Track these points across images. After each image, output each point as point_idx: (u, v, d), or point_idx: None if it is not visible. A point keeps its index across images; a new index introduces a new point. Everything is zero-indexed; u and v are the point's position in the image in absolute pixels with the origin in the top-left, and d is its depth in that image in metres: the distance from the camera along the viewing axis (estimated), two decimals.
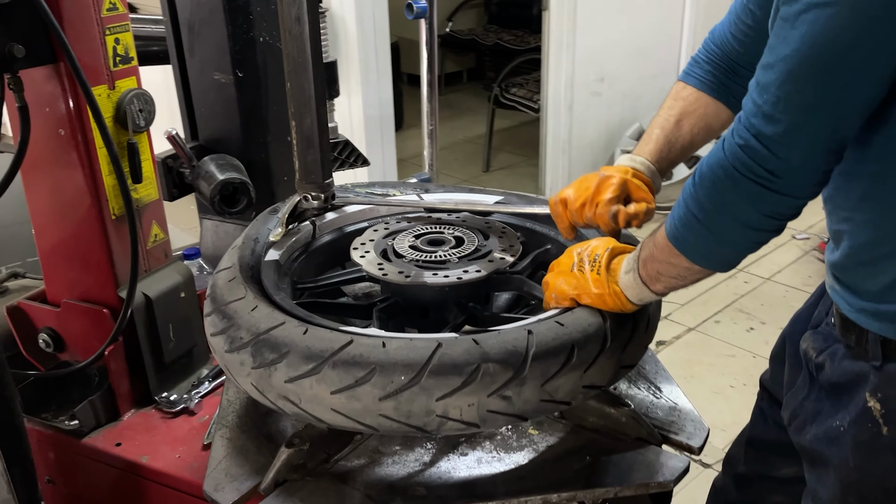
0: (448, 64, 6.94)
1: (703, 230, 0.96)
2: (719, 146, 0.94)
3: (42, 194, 1.53)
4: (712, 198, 0.94)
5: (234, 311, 1.08)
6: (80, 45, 1.39)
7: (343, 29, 3.17)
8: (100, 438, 1.53)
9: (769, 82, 0.88)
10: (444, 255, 1.25)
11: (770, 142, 0.88)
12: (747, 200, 0.91)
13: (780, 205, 0.92)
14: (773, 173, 0.89)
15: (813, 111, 0.88)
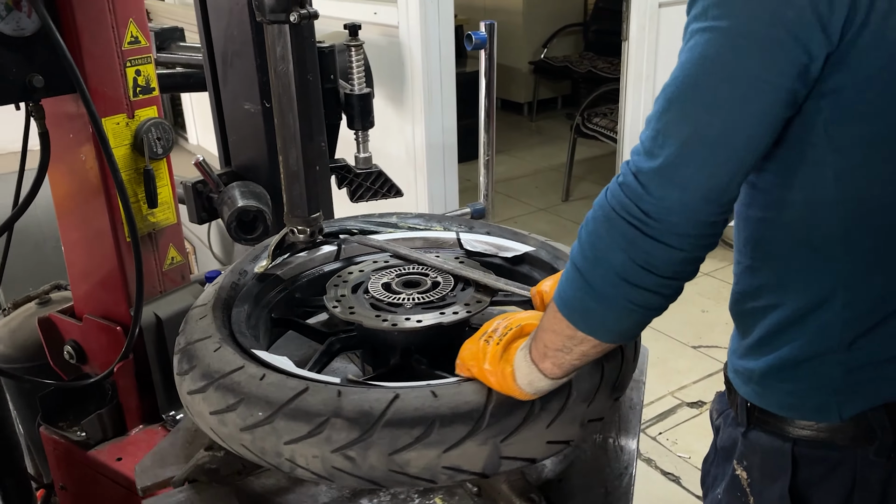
0: (541, 90, 6.90)
1: (580, 281, 0.83)
2: (601, 196, 0.84)
3: (69, 215, 1.62)
4: (590, 242, 0.83)
5: (198, 351, 1.10)
6: (99, 76, 1.46)
7: (409, 57, 3.20)
8: (104, 452, 1.59)
9: (652, 114, 0.81)
10: (404, 299, 1.23)
11: (647, 178, 0.78)
12: (619, 244, 0.80)
13: (655, 253, 0.79)
14: (648, 214, 0.78)
15: (690, 147, 0.78)
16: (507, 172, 5.47)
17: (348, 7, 3.68)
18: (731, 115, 0.77)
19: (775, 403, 0.94)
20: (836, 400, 0.90)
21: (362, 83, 1.97)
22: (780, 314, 0.91)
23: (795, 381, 0.91)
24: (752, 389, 0.95)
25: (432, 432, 0.91)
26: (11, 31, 1.33)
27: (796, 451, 0.93)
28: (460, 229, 1.52)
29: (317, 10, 1.24)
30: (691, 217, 0.78)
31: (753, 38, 0.76)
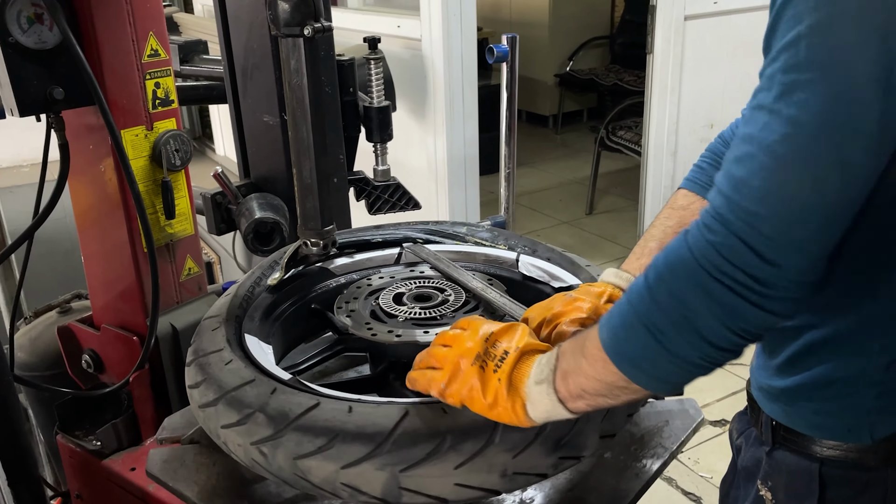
0: (567, 103, 6.89)
1: (653, 342, 0.76)
2: (681, 241, 0.76)
3: (88, 226, 1.64)
4: (675, 306, 0.74)
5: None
6: (119, 88, 1.48)
7: (432, 70, 3.21)
8: (118, 461, 1.60)
9: (749, 171, 0.73)
10: (403, 312, 1.23)
11: (759, 242, 0.71)
12: (715, 312, 0.73)
13: (757, 320, 0.73)
14: (760, 281, 0.71)
15: (809, 208, 0.72)
16: (532, 185, 5.45)
17: (372, 20, 3.71)
18: (852, 171, 0.72)
19: (803, 423, 0.92)
20: (868, 420, 0.88)
21: (381, 96, 1.98)
22: (815, 334, 0.89)
23: (826, 401, 0.90)
24: (779, 408, 0.94)
25: (333, 446, 0.91)
26: (33, 43, 1.35)
27: (824, 471, 0.91)
28: (523, 250, 1.50)
29: (331, 24, 1.24)
30: (806, 280, 0.73)
31: (861, 92, 0.70)
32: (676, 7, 3.72)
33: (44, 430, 2.00)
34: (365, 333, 1.19)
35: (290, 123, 1.27)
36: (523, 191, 5.29)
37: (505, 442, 0.92)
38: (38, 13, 1.35)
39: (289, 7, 1.18)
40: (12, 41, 1.33)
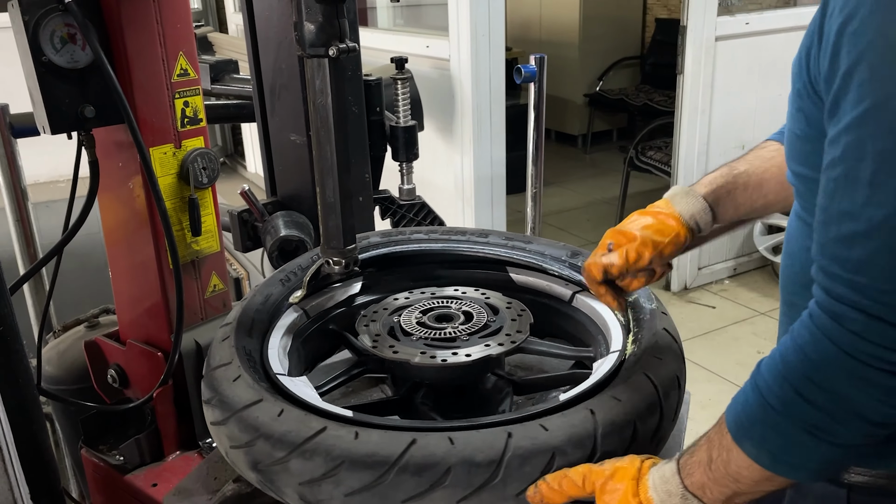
0: (596, 123, 6.87)
1: (811, 441, 0.73)
2: (817, 337, 0.73)
3: (117, 242, 1.66)
4: (830, 399, 0.72)
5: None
6: (148, 107, 1.50)
7: (460, 90, 3.22)
8: (140, 477, 1.60)
9: (869, 253, 0.70)
10: (420, 331, 1.23)
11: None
12: (877, 396, 0.70)
13: None
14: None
15: None
16: (560, 204, 5.43)
17: (402, 40, 3.74)
18: None
19: None
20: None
21: (407, 115, 1.99)
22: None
23: None
24: None
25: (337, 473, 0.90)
26: (66, 63, 1.38)
27: (852, 497, 0.90)
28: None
29: (356, 45, 1.25)
30: None
31: None
32: (707, 28, 3.70)
33: (69, 444, 2.01)
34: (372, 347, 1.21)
35: (314, 143, 1.27)
36: (551, 210, 5.27)
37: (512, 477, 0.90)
38: (72, 33, 1.38)
39: (314, 28, 1.18)
40: (45, 60, 1.36)
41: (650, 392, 1.00)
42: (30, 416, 1.29)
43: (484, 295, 1.37)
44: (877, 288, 0.69)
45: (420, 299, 1.37)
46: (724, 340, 3.66)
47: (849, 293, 0.71)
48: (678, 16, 3.84)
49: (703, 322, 3.83)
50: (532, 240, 1.51)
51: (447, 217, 2.19)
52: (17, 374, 1.21)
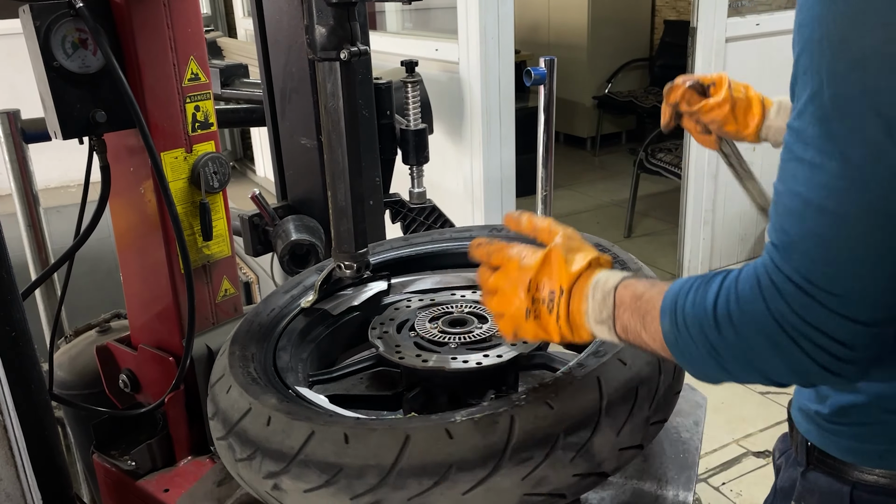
0: (605, 125, 6.85)
1: (712, 362, 0.78)
2: (753, 277, 0.75)
3: (128, 246, 1.66)
4: (743, 351, 0.75)
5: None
6: (160, 111, 1.50)
7: (469, 93, 3.21)
8: (152, 482, 1.60)
9: (804, 231, 0.72)
10: (436, 335, 1.23)
11: (836, 303, 0.70)
12: (791, 366, 0.73)
13: (827, 374, 0.73)
14: (842, 342, 0.70)
15: (874, 267, 0.70)
16: (569, 207, 5.41)
17: (411, 44, 3.74)
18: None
19: (837, 447, 0.92)
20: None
21: (418, 119, 1.98)
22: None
23: (859, 427, 0.90)
24: (815, 430, 0.94)
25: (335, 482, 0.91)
26: (77, 68, 1.38)
27: (855, 495, 0.91)
28: None
29: (367, 48, 1.24)
30: (880, 333, 0.72)
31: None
32: (717, 29, 3.68)
33: (81, 449, 2.01)
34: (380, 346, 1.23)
35: (325, 146, 1.27)
36: (560, 213, 5.25)
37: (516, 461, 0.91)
38: (83, 38, 1.38)
39: (325, 31, 1.18)
40: (57, 65, 1.36)
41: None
42: (42, 422, 1.29)
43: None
44: (808, 267, 0.71)
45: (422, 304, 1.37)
46: None
47: (787, 266, 0.73)
48: (687, 17, 3.83)
49: None
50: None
51: (457, 220, 2.18)
52: (29, 380, 1.20)
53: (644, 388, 0.98)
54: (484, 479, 0.88)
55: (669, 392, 1.03)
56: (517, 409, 0.92)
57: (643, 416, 0.97)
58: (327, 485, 0.91)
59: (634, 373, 0.98)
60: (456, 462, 0.88)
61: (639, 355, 1.00)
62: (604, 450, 0.93)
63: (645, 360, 1.00)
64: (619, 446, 0.95)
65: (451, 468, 0.88)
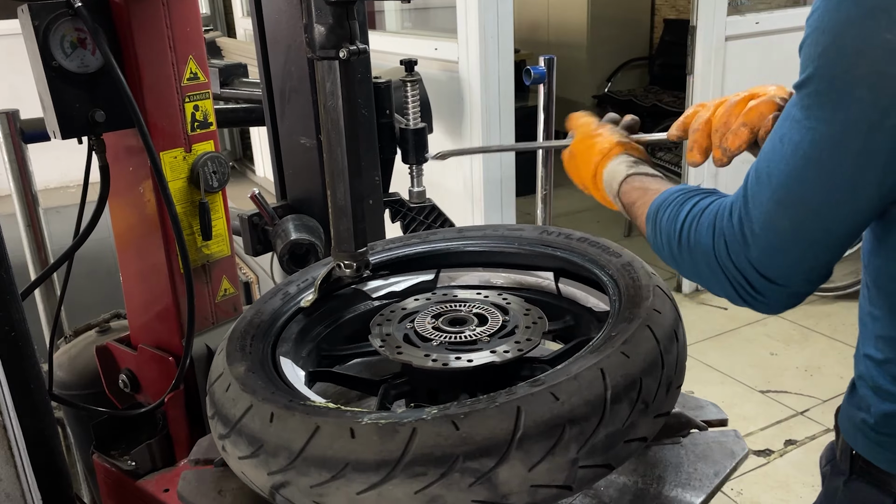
0: None
1: (675, 265, 0.98)
2: (712, 223, 0.90)
3: (127, 246, 1.66)
4: (689, 259, 0.94)
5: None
6: (159, 111, 1.50)
7: (468, 92, 3.21)
8: (152, 482, 1.60)
9: (762, 195, 0.84)
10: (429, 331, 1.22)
11: (754, 254, 0.85)
12: (725, 287, 0.90)
13: (755, 304, 0.90)
14: (756, 289, 0.86)
15: (797, 238, 0.83)
16: (569, 206, 5.41)
17: (410, 43, 3.74)
18: (827, 218, 0.81)
19: (882, 457, 0.91)
20: None
21: (417, 118, 1.98)
22: (893, 368, 0.88)
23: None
24: (861, 439, 0.93)
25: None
26: (76, 67, 1.38)
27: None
28: None
29: (366, 46, 1.24)
30: (795, 292, 0.87)
31: (852, 146, 0.77)
32: (717, 28, 3.68)
33: (81, 449, 2.01)
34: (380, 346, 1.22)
35: (324, 145, 1.26)
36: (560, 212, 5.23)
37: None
38: (82, 38, 1.38)
39: (324, 30, 1.18)
40: (56, 65, 1.36)
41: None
42: (42, 422, 1.29)
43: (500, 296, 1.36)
44: (751, 229, 0.84)
45: (431, 303, 1.36)
46: (736, 342, 3.63)
47: (738, 215, 0.86)
48: (687, 16, 3.83)
49: (715, 324, 3.81)
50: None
51: (457, 220, 2.18)
52: (29, 380, 1.20)
53: (574, 427, 0.90)
54: (376, 485, 0.88)
55: (615, 437, 0.94)
56: (422, 422, 0.90)
57: (568, 458, 0.90)
58: (252, 456, 0.97)
59: (565, 410, 0.91)
60: (352, 462, 0.90)
61: (576, 393, 0.92)
62: (511, 483, 0.89)
63: (584, 398, 0.92)
64: (531, 483, 0.90)
65: (348, 466, 0.90)
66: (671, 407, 1.05)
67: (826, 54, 0.76)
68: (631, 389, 0.94)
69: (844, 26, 0.74)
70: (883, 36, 0.71)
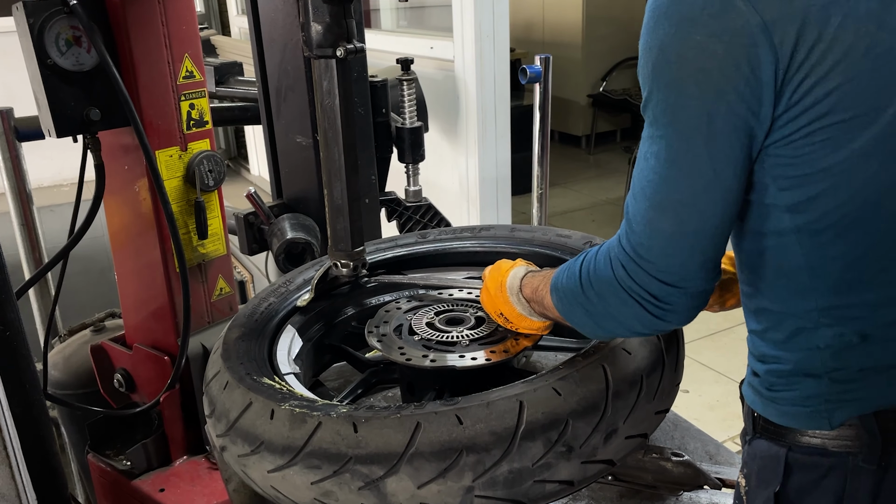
0: (600, 123, 6.85)
1: (588, 319, 0.98)
2: (607, 260, 0.93)
3: (122, 245, 1.65)
4: (600, 304, 0.95)
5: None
6: (154, 109, 1.49)
7: (464, 91, 3.21)
8: (147, 482, 1.60)
9: (638, 210, 0.89)
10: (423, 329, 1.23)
11: (649, 266, 0.89)
12: (632, 317, 0.93)
13: (662, 325, 0.93)
14: (658, 297, 0.90)
15: (676, 239, 0.88)
16: (564, 205, 5.42)
17: (406, 42, 3.73)
18: (700, 207, 0.88)
19: (774, 412, 0.97)
20: (826, 408, 0.93)
21: (413, 117, 1.98)
22: (773, 335, 0.95)
23: (789, 391, 0.95)
24: (758, 400, 0.98)
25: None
26: (71, 66, 1.37)
27: (790, 456, 0.95)
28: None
29: (363, 45, 1.24)
30: (696, 291, 0.91)
31: (699, 138, 0.85)
32: None
33: (75, 449, 2.00)
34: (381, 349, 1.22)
35: (321, 144, 1.26)
36: (555, 211, 5.25)
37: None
38: (77, 36, 1.37)
39: (321, 29, 1.17)
40: (51, 63, 1.35)
41: None
42: (38, 423, 1.28)
43: None
44: (637, 242, 0.89)
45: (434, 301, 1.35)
46: (730, 341, 3.64)
47: (626, 240, 0.91)
48: None
49: (710, 323, 3.81)
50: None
51: (452, 219, 2.18)
52: (24, 380, 1.19)
53: (471, 455, 0.88)
54: (280, 468, 0.94)
55: (519, 475, 0.90)
56: (328, 418, 0.93)
57: (463, 484, 0.89)
58: (210, 416, 1.09)
59: (465, 436, 0.89)
60: (266, 441, 0.96)
61: (481, 419, 0.90)
62: (399, 495, 0.90)
63: (488, 428, 0.90)
64: (420, 500, 0.90)
65: (262, 445, 0.96)
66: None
67: (656, 68, 0.87)
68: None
69: (664, 40, 0.85)
70: (694, 38, 0.83)
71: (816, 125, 0.84)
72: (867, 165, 0.85)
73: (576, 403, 0.94)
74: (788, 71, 0.83)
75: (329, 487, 0.91)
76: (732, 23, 0.82)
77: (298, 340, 1.26)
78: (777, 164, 0.87)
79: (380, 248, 1.51)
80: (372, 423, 0.92)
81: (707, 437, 1.39)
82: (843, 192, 0.86)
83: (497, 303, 1.16)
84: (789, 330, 0.94)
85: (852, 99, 0.83)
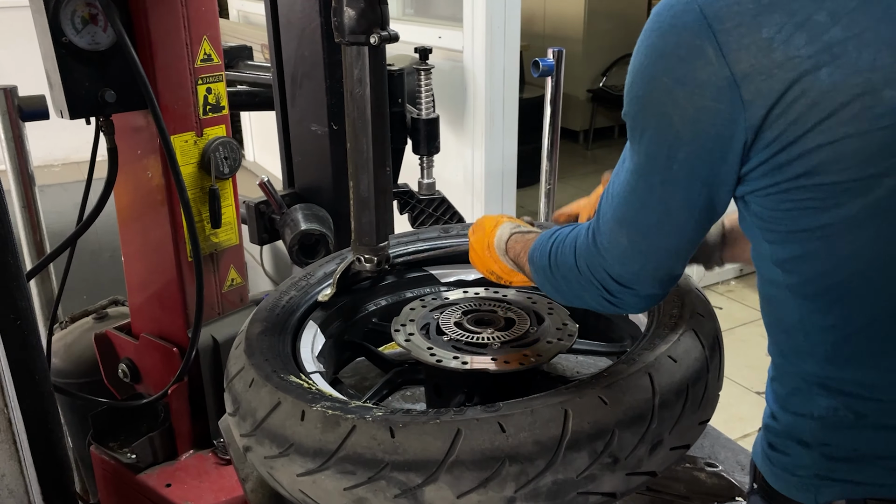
0: (599, 119, 6.81)
1: (555, 293, 1.04)
2: (573, 245, 0.97)
3: (132, 231, 1.60)
4: (566, 285, 1.00)
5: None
6: (171, 92, 1.44)
7: (472, 83, 3.16)
8: (153, 476, 1.55)
9: (609, 214, 0.91)
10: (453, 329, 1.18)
11: (610, 266, 0.92)
12: (593, 298, 0.97)
13: (617, 308, 0.96)
14: (612, 293, 0.93)
15: (637, 249, 0.89)
16: (562, 201, 5.36)
17: (413, 30, 3.67)
18: (652, 237, 0.88)
19: (769, 473, 0.93)
20: (813, 483, 0.88)
21: (430, 107, 1.93)
22: (777, 386, 0.92)
23: (783, 455, 0.91)
24: (759, 454, 0.95)
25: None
26: (86, 45, 1.32)
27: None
28: None
29: (396, 32, 1.19)
30: (646, 294, 0.93)
31: (655, 177, 0.85)
32: None
33: (74, 439, 1.95)
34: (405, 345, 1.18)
35: (349, 135, 1.21)
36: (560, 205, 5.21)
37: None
38: (93, 13, 1.31)
39: (355, 14, 1.13)
40: (66, 41, 1.30)
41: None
42: (46, 416, 1.23)
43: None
44: (601, 242, 0.92)
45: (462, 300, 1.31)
46: (731, 342, 3.62)
47: (592, 235, 0.94)
48: None
49: None
50: None
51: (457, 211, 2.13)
52: (33, 372, 1.15)
53: (514, 465, 0.85)
54: (312, 471, 0.90)
55: (563, 486, 0.87)
56: (363, 422, 0.90)
57: (504, 495, 0.85)
58: (233, 415, 1.04)
59: (508, 445, 0.86)
60: (296, 443, 0.92)
61: (525, 427, 0.87)
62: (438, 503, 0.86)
63: (532, 437, 0.87)
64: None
65: (292, 447, 0.93)
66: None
67: (629, 95, 0.84)
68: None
69: (639, 67, 0.82)
70: (661, 80, 0.79)
71: (793, 184, 0.77)
72: (856, 236, 0.78)
73: (622, 413, 0.90)
74: (762, 127, 0.76)
75: (363, 494, 0.88)
76: (697, 73, 0.76)
77: (321, 337, 1.22)
78: (761, 214, 0.83)
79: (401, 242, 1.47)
80: (410, 428, 0.88)
81: (738, 446, 1.36)
82: (828, 258, 0.80)
83: (487, 262, 1.19)
84: (790, 386, 0.89)
85: (841, 161, 0.75)
